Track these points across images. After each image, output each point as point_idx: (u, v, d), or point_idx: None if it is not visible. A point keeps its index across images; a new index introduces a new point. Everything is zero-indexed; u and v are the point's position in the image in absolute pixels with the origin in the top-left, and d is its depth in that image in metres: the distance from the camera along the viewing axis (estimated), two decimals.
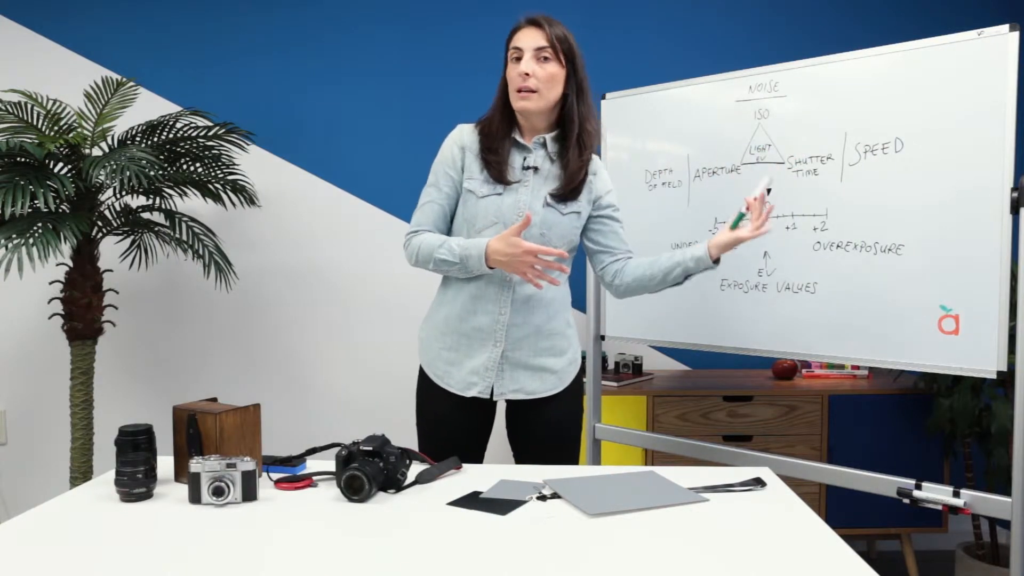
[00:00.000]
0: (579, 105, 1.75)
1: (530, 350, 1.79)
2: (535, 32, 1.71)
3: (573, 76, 1.74)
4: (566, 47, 1.72)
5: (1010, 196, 1.77)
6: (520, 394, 1.79)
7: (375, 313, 3.13)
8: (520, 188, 1.75)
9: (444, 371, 1.80)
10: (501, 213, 1.73)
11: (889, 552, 3.05)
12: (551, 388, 1.81)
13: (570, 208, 1.77)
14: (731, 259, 2.24)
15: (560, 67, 1.72)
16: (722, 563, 1.12)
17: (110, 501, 1.41)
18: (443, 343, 1.81)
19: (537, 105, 1.71)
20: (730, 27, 3.05)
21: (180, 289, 3.14)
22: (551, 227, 1.75)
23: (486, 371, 1.78)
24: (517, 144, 1.77)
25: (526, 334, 1.78)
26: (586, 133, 1.76)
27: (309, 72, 3.10)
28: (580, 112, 1.75)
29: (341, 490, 1.40)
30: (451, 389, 1.79)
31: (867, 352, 2.01)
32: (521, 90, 1.70)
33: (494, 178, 1.74)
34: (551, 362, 1.81)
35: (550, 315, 1.80)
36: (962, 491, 1.86)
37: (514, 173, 1.76)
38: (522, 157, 1.77)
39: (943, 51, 1.86)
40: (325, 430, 3.14)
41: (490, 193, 1.74)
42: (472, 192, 1.75)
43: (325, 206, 3.12)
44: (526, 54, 1.70)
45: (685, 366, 3.15)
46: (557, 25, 1.73)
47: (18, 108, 2.51)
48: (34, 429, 3.15)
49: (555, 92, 1.72)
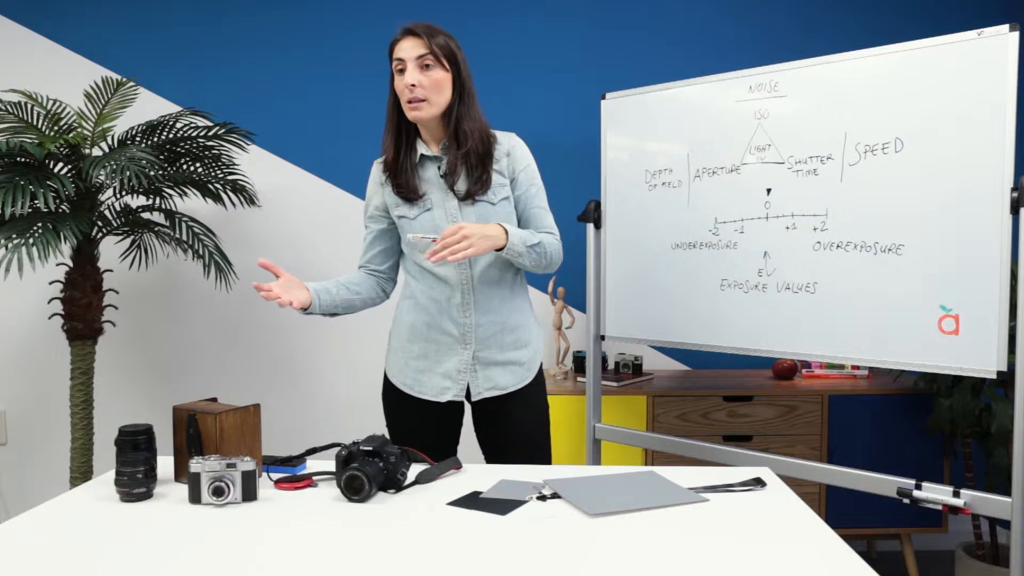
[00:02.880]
0: (459, 106, 1.75)
1: (498, 346, 1.81)
2: (414, 41, 1.71)
3: (458, 78, 1.75)
4: (447, 51, 1.72)
5: (1010, 196, 1.77)
6: (495, 391, 1.81)
7: (375, 313, 3.13)
8: (445, 196, 1.77)
9: (414, 379, 1.81)
10: (437, 226, 1.76)
11: (889, 552, 3.05)
12: (520, 380, 1.83)
13: (500, 196, 1.78)
14: (731, 259, 2.24)
15: (445, 71, 1.72)
16: (722, 563, 1.12)
17: (110, 501, 1.41)
18: (410, 352, 1.82)
19: (429, 113, 1.72)
20: (730, 27, 3.05)
21: (180, 289, 3.14)
22: (488, 219, 1.76)
23: (459, 374, 1.79)
24: (426, 157, 1.79)
25: (493, 332, 1.80)
26: (462, 132, 1.76)
27: (309, 72, 3.10)
28: (459, 112, 1.75)
29: (341, 490, 1.40)
30: (424, 396, 1.80)
31: (867, 352, 2.02)
32: (411, 101, 1.71)
33: (411, 199, 1.77)
34: (518, 354, 1.83)
35: (512, 308, 1.82)
36: (962, 491, 1.86)
37: (432, 186, 1.78)
38: (435, 167, 1.79)
39: (943, 51, 1.86)
40: (325, 430, 3.14)
41: (421, 212, 1.77)
42: (404, 217, 1.79)
43: (325, 206, 3.12)
44: (409, 64, 1.70)
45: (685, 366, 3.15)
46: (438, 31, 1.73)
47: (18, 108, 2.51)
48: (34, 429, 3.15)
49: (444, 97, 1.73)
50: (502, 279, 1.80)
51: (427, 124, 1.76)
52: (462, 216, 1.76)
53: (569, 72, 3.06)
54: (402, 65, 1.71)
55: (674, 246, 2.36)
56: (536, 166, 1.87)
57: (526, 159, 1.85)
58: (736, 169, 2.22)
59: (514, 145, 1.84)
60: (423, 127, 1.78)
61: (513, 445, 1.83)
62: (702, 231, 2.30)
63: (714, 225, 2.28)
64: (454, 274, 1.76)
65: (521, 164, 1.83)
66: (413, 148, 1.79)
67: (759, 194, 2.18)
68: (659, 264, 2.39)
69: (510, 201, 1.81)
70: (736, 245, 2.24)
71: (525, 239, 1.72)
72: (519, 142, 1.85)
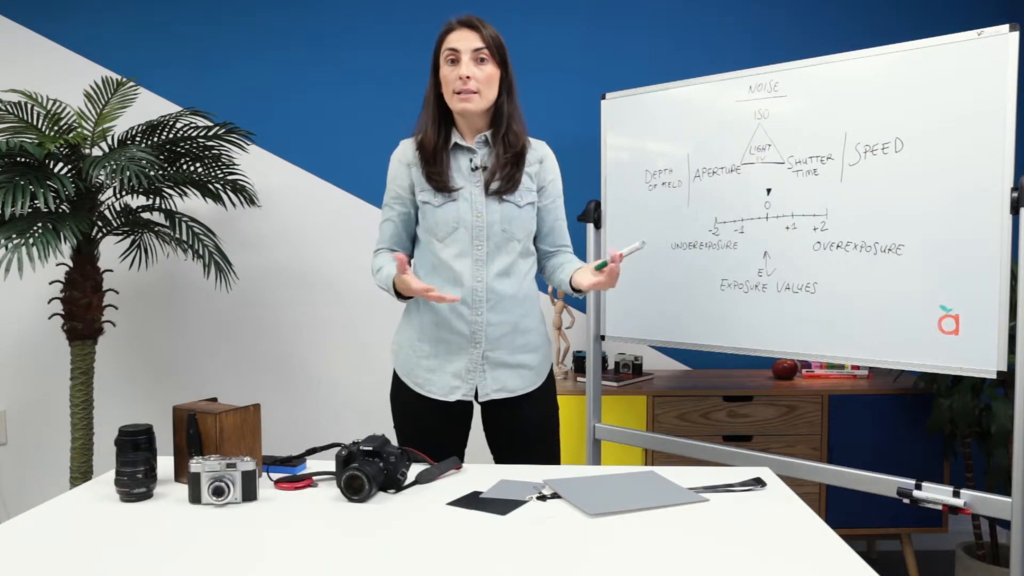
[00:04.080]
0: (508, 105, 1.77)
1: (508, 348, 1.80)
2: (470, 33, 1.72)
3: (505, 76, 1.76)
4: (500, 48, 1.74)
5: (1010, 196, 1.77)
6: (503, 392, 1.80)
7: (375, 313, 3.13)
8: (473, 189, 1.77)
9: (425, 379, 1.81)
10: (460, 218, 1.76)
11: (889, 552, 3.05)
12: (530, 384, 1.83)
13: (525, 200, 1.79)
14: (731, 259, 2.24)
15: (496, 68, 1.74)
16: (722, 563, 1.12)
17: (110, 501, 1.41)
18: (420, 351, 1.81)
19: (479, 106, 1.73)
20: (730, 27, 3.05)
21: (180, 289, 3.14)
22: (511, 222, 1.77)
23: (468, 374, 1.79)
24: (460, 147, 1.79)
25: (504, 333, 1.79)
26: (512, 133, 1.78)
27: (309, 72, 3.10)
28: (509, 112, 1.77)
29: (341, 490, 1.40)
30: (433, 396, 1.80)
31: (867, 352, 2.02)
32: (462, 92, 1.71)
33: (440, 189, 1.76)
34: (528, 358, 1.83)
35: (524, 312, 1.82)
36: (962, 491, 1.86)
37: (462, 177, 1.78)
38: (468, 159, 1.78)
39: (943, 51, 1.86)
40: (325, 430, 3.14)
41: (445, 201, 1.76)
42: (428, 203, 1.78)
43: (325, 206, 3.12)
44: (464, 56, 1.71)
45: (685, 366, 3.15)
46: (489, 26, 1.74)
47: (18, 108, 2.51)
48: (34, 429, 3.15)
49: (494, 92, 1.75)
50: (515, 279, 1.79)
51: (470, 116, 1.76)
52: (487, 212, 1.76)
53: (569, 72, 3.06)
54: (455, 56, 1.72)
55: (674, 246, 2.36)
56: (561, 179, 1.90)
57: (556, 170, 1.88)
58: (736, 169, 2.22)
59: (547, 154, 1.86)
60: (462, 118, 1.78)
61: (521, 448, 1.83)
62: (702, 231, 2.30)
63: (714, 225, 2.28)
64: (469, 271, 1.76)
65: (552, 174, 1.86)
66: (448, 137, 1.79)
67: (759, 194, 2.18)
68: (659, 264, 2.39)
69: (534, 207, 1.82)
70: (736, 245, 2.24)
71: None
72: (550, 152, 1.87)
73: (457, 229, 1.75)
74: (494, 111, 1.78)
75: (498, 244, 1.77)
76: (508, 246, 1.78)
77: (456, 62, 1.72)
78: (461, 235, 1.75)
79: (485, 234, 1.76)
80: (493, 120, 1.79)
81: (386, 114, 3.10)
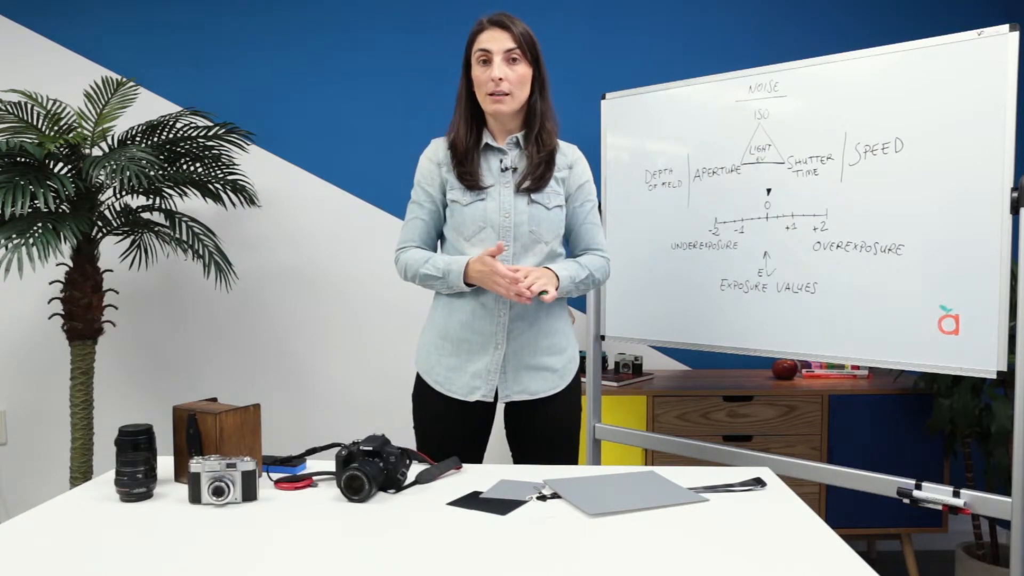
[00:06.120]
0: (541, 103, 1.77)
1: (532, 350, 1.79)
2: (501, 33, 1.71)
3: (538, 74, 1.76)
4: (532, 46, 1.73)
5: (1010, 196, 1.77)
6: (524, 395, 1.79)
7: (375, 313, 3.13)
8: (502, 190, 1.76)
9: (445, 377, 1.80)
10: (487, 218, 1.75)
11: (889, 552, 3.05)
12: (553, 387, 1.81)
13: (554, 203, 1.78)
14: (731, 259, 2.24)
15: (528, 67, 1.73)
16: (722, 563, 1.12)
17: (110, 501, 1.41)
18: (443, 350, 1.81)
19: (511, 107, 1.72)
20: (730, 27, 3.05)
21: (180, 289, 3.14)
22: (539, 223, 1.76)
23: (489, 374, 1.78)
24: (491, 147, 1.78)
25: (527, 334, 1.78)
26: (545, 132, 1.78)
27: (309, 72, 3.10)
28: (542, 110, 1.77)
29: (341, 490, 1.40)
30: (453, 395, 1.79)
31: (867, 352, 2.01)
32: (495, 94, 1.70)
33: (471, 187, 1.75)
34: (552, 360, 1.81)
35: (549, 313, 1.80)
36: (962, 491, 1.86)
37: (492, 176, 1.77)
38: (498, 159, 1.78)
39: (943, 51, 1.86)
40: (325, 430, 3.14)
41: (474, 200, 1.75)
42: (456, 202, 1.77)
43: (325, 206, 3.12)
44: (496, 57, 1.70)
45: (685, 366, 3.15)
46: (519, 23, 1.73)
47: (18, 108, 2.51)
48: (34, 429, 3.15)
49: (526, 92, 1.74)
50: None
51: (502, 117, 1.75)
52: (514, 213, 1.75)
53: (569, 72, 3.06)
54: (487, 56, 1.71)
55: (674, 246, 2.36)
56: (593, 182, 1.88)
57: (587, 174, 1.86)
58: (736, 169, 2.22)
59: (577, 159, 1.85)
60: (495, 119, 1.77)
61: (541, 451, 1.82)
62: (702, 231, 2.30)
63: (714, 225, 2.28)
64: None
65: (582, 179, 1.84)
66: (480, 137, 1.78)
67: (759, 194, 2.18)
68: (659, 264, 2.39)
69: (563, 210, 1.81)
70: (736, 245, 2.24)
71: (573, 277, 1.75)
72: (582, 156, 1.86)
73: (484, 228, 1.75)
74: (527, 110, 1.77)
75: (525, 245, 1.76)
76: (535, 248, 1.77)
77: (488, 63, 1.71)
78: (488, 235, 1.75)
79: (512, 235, 1.75)
80: (526, 120, 1.78)
81: (386, 114, 3.10)
